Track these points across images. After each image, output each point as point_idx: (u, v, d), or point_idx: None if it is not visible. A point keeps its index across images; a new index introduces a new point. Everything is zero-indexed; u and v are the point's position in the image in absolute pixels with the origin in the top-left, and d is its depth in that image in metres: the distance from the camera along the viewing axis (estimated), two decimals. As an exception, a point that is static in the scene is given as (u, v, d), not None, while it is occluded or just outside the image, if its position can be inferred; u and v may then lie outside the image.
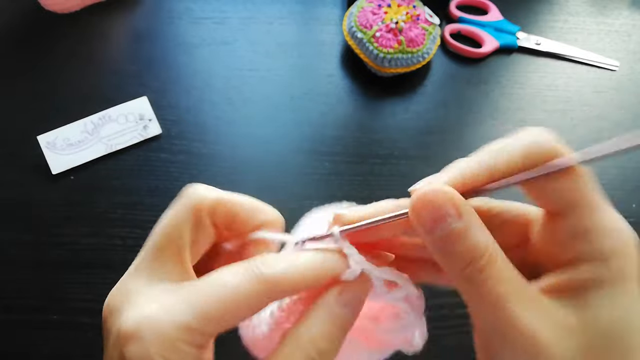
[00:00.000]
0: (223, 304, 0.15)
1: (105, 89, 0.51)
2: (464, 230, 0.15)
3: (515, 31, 0.56)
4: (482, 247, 0.15)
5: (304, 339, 0.16)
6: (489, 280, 0.15)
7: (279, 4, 0.58)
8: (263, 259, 0.17)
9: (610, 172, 0.49)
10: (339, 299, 0.17)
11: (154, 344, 0.15)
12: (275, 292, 0.16)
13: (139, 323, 0.15)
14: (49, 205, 0.45)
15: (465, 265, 0.15)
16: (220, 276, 0.16)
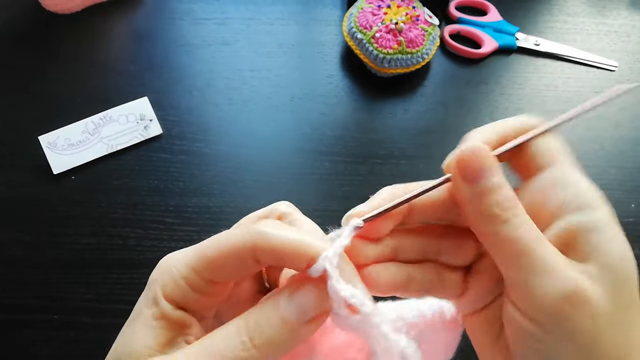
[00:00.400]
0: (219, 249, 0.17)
1: (106, 89, 0.51)
2: (501, 183, 0.17)
3: (515, 32, 0.56)
4: (514, 198, 0.17)
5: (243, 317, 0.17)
6: (524, 224, 0.17)
7: (279, 5, 0.58)
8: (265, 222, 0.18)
9: (610, 173, 0.49)
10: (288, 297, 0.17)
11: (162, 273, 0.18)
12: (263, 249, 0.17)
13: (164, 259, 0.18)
14: (50, 205, 0.45)
15: (504, 211, 0.17)
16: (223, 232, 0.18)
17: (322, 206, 0.45)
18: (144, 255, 0.43)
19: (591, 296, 0.16)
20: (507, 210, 0.17)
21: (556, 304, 0.16)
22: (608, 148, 0.50)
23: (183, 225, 0.44)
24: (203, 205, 0.45)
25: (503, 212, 0.17)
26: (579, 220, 0.17)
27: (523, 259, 0.16)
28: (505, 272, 0.17)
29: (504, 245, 0.17)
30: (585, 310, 0.16)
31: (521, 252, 0.16)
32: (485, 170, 0.17)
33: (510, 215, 0.17)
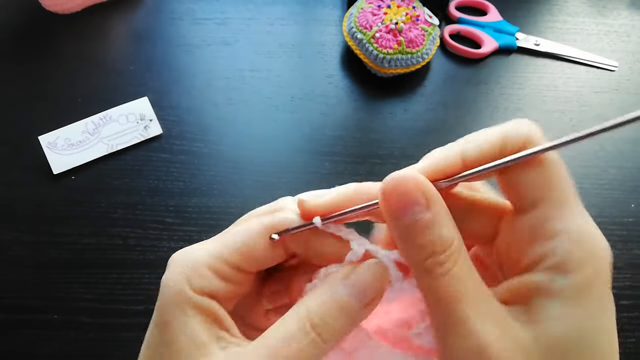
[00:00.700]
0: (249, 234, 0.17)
1: (106, 89, 0.51)
2: (431, 221, 0.15)
3: (514, 32, 0.56)
4: (446, 242, 0.15)
5: (302, 310, 0.16)
6: (446, 276, 0.15)
7: (279, 5, 0.58)
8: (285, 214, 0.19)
9: (610, 173, 0.49)
10: (343, 280, 0.17)
11: (183, 267, 0.17)
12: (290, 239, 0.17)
13: (176, 255, 0.17)
14: (50, 205, 0.45)
15: (426, 256, 0.15)
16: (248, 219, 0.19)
17: (322, 206, 0.45)
18: (144, 255, 0.43)
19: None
20: (430, 256, 0.15)
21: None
22: (608, 148, 0.50)
23: (183, 225, 0.44)
24: (203, 205, 0.45)
25: (424, 258, 0.15)
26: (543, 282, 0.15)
27: (439, 313, 0.15)
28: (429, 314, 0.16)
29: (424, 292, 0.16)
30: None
31: (438, 305, 0.15)
32: (410, 206, 0.15)
33: (433, 264, 0.15)
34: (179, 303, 0.16)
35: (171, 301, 0.16)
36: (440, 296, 0.15)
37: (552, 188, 0.15)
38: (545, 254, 0.15)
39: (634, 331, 0.41)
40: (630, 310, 0.41)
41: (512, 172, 0.16)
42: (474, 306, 0.15)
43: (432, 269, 0.15)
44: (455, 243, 0.15)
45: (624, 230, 0.46)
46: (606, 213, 0.46)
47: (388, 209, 0.15)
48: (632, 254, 0.44)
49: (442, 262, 0.15)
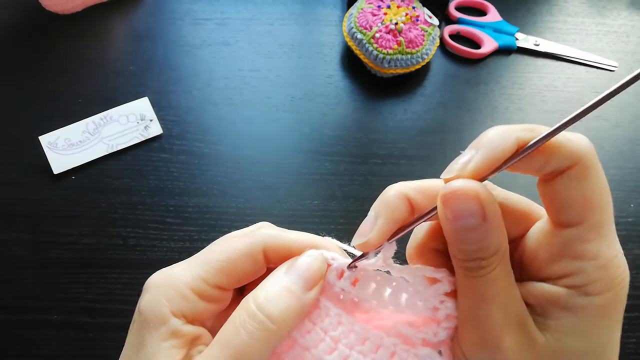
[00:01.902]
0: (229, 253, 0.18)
1: (106, 89, 0.51)
2: (484, 232, 0.16)
3: (514, 32, 0.56)
4: (492, 250, 0.16)
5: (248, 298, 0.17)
6: (483, 278, 0.16)
7: (279, 5, 0.58)
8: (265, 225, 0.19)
9: (609, 173, 0.49)
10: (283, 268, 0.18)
11: (164, 291, 0.17)
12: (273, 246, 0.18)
13: (155, 276, 0.18)
14: (50, 205, 0.45)
15: (471, 258, 0.16)
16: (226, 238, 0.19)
17: (322, 206, 0.45)
18: (144, 255, 0.43)
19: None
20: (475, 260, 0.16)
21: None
22: (607, 148, 0.50)
23: (183, 225, 0.44)
24: (203, 205, 0.45)
25: (469, 259, 0.16)
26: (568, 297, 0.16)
27: (466, 311, 0.17)
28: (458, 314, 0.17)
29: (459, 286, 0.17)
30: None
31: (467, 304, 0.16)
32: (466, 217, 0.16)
33: (473, 265, 0.16)
34: (158, 327, 0.16)
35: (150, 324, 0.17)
36: (472, 293, 0.16)
37: (594, 210, 0.16)
38: (571, 272, 0.16)
39: (634, 331, 0.41)
40: (630, 311, 0.41)
41: (557, 184, 0.16)
42: (500, 309, 0.16)
43: (473, 269, 0.16)
44: (502, 251, 0.16)
45: (623, 230, 0.46)
46: (606, 213, 0.46)
47: (446, 213, 0.16)
48: (632, 254, 0.44)
49: (483, 266, 0.16)
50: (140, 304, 0.17)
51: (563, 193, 0.16)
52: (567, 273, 0.16)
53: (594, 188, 0.16)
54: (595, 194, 0.16)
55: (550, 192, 0.16)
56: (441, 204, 0.16)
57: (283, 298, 0.17)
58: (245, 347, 0.16)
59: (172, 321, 0.16)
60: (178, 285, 0.17)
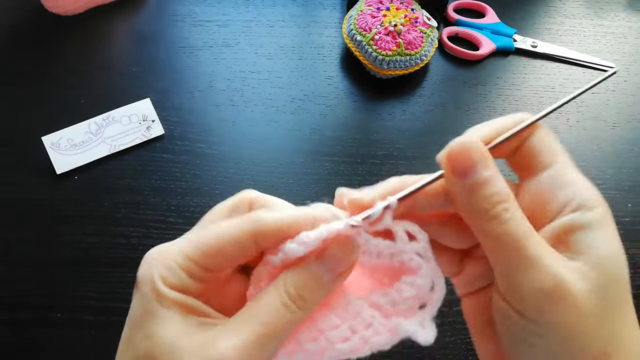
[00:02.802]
0: (216, 237, 0.18)
1: (109, 90, 0.52)
2: (492, 177, 0.17)
3: (512, 33, 0.57)
4: (506, 193, 0.17)
5: (281, 287, 0.18)
6: (513, 219, 0.17)
7: (280, 7, 0.59)
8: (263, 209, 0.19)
9: (607, 173, 0.49)
10: (317, 256, 0.18)
11: (156, 265, 0.18)
12: (263, 234, 0.18)
13: (152, 251, 0.19)
14: (54, 204, 0.45)
15: (493, 205, 0.17)
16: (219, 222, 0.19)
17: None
18: (147, 254, 0.43)
19: (575, 292, 0.16)
20: (497, 204, 0.17)
21: (538, 298, 0.16)
22: (605, 148, 0.51)
23: (185, 224, 0.45)
24: (205, 205, 0.46)
25: (492, 206, 0.17)
26: (574, 219, 0.17)
27: (509, 253, 0.17)
28: (494, 266, 0.18)
29: (492, 239, 0.17)
30: (568, 304, 0.16)
31: (508, 247, 0.17)
32: (474, 165, 0.17)
33: (500, 210, 0.17)
34: (157, 297, 0.17)
35: (149, 296, 0.17)
36: (510, 237, 0.17)
37: (557, 152, 0.19)
38: (568, 199, 0.18)
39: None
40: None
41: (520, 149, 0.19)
42: (541, 244, 0.17)
43: (500, 214, 0.17)
44: (511, 195, 0.18)
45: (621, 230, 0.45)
46: (603, 212, 0.47)
47: (455, 169, 0.18)
48: (629, 254, 0.44)
49: (507, 208, 0.17)
50: (138, 276, 0.18)
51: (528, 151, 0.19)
52: (565, 201, 0.18)
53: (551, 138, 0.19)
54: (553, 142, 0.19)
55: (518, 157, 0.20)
56: (448, 164, 0.18)
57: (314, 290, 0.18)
58: (276, 327, 0.17)
59: (169, 292, 0.17)
60: (169, 262, 0.18)
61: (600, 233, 0.17)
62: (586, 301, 0.16)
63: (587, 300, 0.16)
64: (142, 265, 0.18)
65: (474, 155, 0.17)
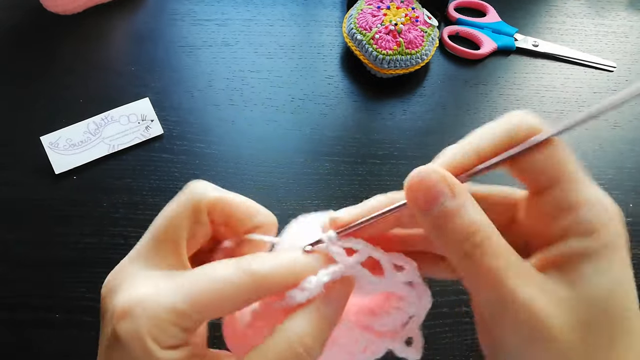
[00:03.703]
0: (212, 293, 0.16)
1: (107, 90, 0.52)
2: (459, 208, 0.16)
3: (513, 33, 0.57)
4: (477, 224, 0.16)
5: (292, 335, 0.17)
6: (485, 255, 0.15)
7: (279, 6, 0.59)
8: (254, 257, 0.18)
9: (608, 173, 0.49)
10: (324, 298, 0.18)
11: (144, 322, 0.16)
12: (262, 287, 0.17)
13: (132, 302, 0.16)
14: (52, 204, 0.45)
15: (461, 241, 0.16)
16: (213, 267, 0.17)
17: (322, 206, 0.46)
18: (145, 254, 0.43)
19: (555, 330, 0.15)
20: (465, 240, 0.15)
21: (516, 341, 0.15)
22: (606, 148, 0.51)
23: (184, 224, 0.45)
24: (204, 205, 0.45)
25: (460, 243, 0.15)
26: (574, 247, 0.16)
27: (483, 293, 0.16)
28: (472, 297, 0.17)
29: (466, 275, 0.16)
30: (547, 344, 0.15)
31: (481, 286, 0.16)
32: (436, 197, 0.16)
33: (469, 247, 0.15)
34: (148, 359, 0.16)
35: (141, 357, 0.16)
36: (484, 276, 0.15)
37: (565, 167, 0.16)
38: (571, 223, 0.16)
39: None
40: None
41: (524, 159, 0.17)
42: (519, 278, 0.15)
43: (471, 251, 0.15)
44: (485, 223, 0.16)
45: (622, 229, 0.46)
46: (604, 213, 0.47)
47: (416, 203, 0.16)
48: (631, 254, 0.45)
49: (478, 244, 0.15)
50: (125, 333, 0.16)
51: (533, 163, 0.17)
52: (568, 226, 0.16)
53: (556, 149, 0.17)
54: (561, 154, 0.17)
55: (521, 168, 0.17)
56: (409, 196, 0.16)
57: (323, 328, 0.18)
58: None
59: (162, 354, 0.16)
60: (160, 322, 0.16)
61: (601, 263, 0.15)
62: (567, 338, 0.15)
63: (569, 338, 0.15)
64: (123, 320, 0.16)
65: (436, 185, 0.16)
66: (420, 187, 0.16)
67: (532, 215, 0.18)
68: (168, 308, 0.16)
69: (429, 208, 0.16)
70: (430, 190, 0.16)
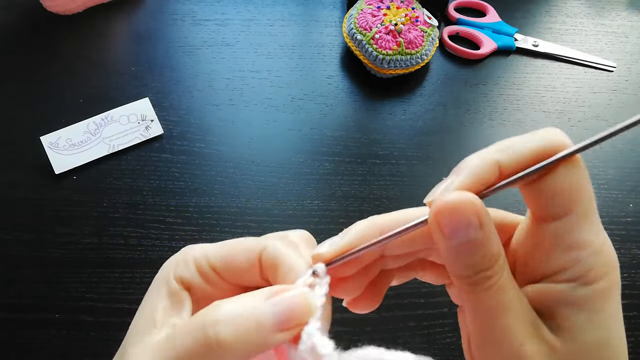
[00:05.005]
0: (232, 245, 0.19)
1: (107, 90, 0.52)
2: (483, 240, 0.15)
3: (513, 33, 0.57)
4: (494, 258, 0.15)
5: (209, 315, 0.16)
6: (492, 289, 0.15)
7: (279, 6, 0.59)
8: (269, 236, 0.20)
9: (609, 172, 0.49)
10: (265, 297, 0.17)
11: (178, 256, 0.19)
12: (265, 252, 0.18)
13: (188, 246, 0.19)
14: (52, 204, 0.45)
15: (475, 272, 0.15)
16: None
17: (322, 206, 0.46)
18: (145, 254, 0.43)
19: None
20: (480, 271, 0.15)
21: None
22: (607, 148, 0.51)
23: (184, 225, 0.44)
24: (204, 205, 0.45)
25: (475, 273, 0.15)
26: (566, 291, 0.15)
27: (480, 324, 0.16)
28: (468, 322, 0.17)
29: (468, 302, 0.16)
30: None
31: (480, 317, 0.16)
32: (463, 228, 0.15)
33: (482, 277, 0.15)
34: (161, 282, 0.18)
35: (157, 278, 0.19)
36: (484, 307, 0.15)
37: (578, 200, 0.16)
38: (568, 264, 0.16)
39: (632, 331, 0.41)
40: (628, 310, 0.42)
41: (539, 181, 0.16)
42: (517, 319, 0.15)
43: (480, 282, 0.15)
44: (502, 257, 0.16)
45: (623, 230, 0.46)
46: (605, 213, 0.47)
47: (441, 230, 0.16)
48: (631, 254, 0.45)
49: (489, 277, 0.15)
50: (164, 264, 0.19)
51: (546, 188, 0.16)
52: (564, 266, 0.16)
53: (578, 178, 0.16)
54: (579, 184, 0.16)
55: (533, 190, 0.16)
56: (434, 220, 0.16)
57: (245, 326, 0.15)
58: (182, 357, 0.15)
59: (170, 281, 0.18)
60: (188, 255, 0.19)
61: (592, 315, 0.15)
62: None
63: None
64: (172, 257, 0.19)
65: (466, 215, 0.15)
66: (450, 214, 0.15)
67: (527, 242, 0.17)
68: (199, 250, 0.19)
69: (453, 236, 0.15)
70: (460, 219, 0.15)
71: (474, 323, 0.16)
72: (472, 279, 0.15)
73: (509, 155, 0.16)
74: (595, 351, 0.15)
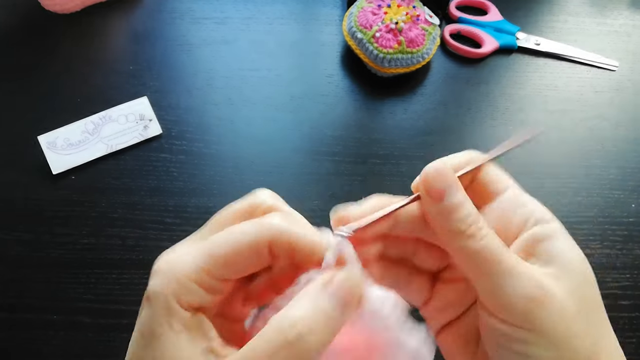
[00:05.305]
0: (232, 244, 0.17)
1: (105, 89, 0.51)
2: (465, 200, 0.19)
3: (515, 31, 0.56)
4: (477, 213, 0.19)
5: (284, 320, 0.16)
6: (488, 236, 0.18)
7: (279, 4, 0.58)
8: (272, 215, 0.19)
9: (611, 172, 0.49)
10: (323, 290, 0.17)
11: (169, 280, 0.17)
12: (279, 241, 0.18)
13: (162, 262, 0.17)
14: (50, 205, 0.45)
15: (468, 226, 0.18)
16: (231, 227, 0.18)
17: (322, 206, 0.45)
18: (143, 255, 0.43)
19: (556, 295, 0.17)
20: (471, 224, 0.18)
21: (525, 303, 0.17)
22: (609, 148, 0.50)
23: (182, 225, 0.44)
24: (202, 205, 0.45)
25: (467, 227, 0.18)
26: (537, 231, 0.19)
27: (490, 266, 0.18)
28: (476, 282, 0.18)
29: (472, 256, 0.18)
30: (553, 307, 0.17)
31: (488, 261, 0.18)
32: (449, 189, 0.18)
33: (475, 229, 0.18)
34: (167, 318, 0.16)
35: (160, 314, 0.16)
36: (489, 251, 0.18)
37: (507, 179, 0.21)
38: (528, 215, 0.19)
39: (634, 331, 0.41)
40: (630, 311, 0.41)
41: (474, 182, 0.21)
42: (514, 255, 0.18)
43: (476, 232, 0.18)
44: (480, 215, 0.19)
45: (625, 230, 0.45)
46: (607, 213, 0.46)
47: (431, 193, 0.19)
48: (633, 254, 0.44)
49: (481, 227, 0.18)
50: (149, 291, 0.17)
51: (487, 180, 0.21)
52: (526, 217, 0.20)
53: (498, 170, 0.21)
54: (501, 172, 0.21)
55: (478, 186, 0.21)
56: (424, 188, 0.19)
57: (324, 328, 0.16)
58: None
59: (180, 312, 0.16)
60: (182, 276, 0.17)
61: (562, 242, 0.18)
62: (568, 303, 0.17)
63: (569, 303, 0.17)
64: (154, 278, 0.17)
65: (448, 179, 0.19)
66: (436, 179, 0.19)
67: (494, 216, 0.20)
68: (190, 264, 0.17)
69: (441, 198, 0.18)
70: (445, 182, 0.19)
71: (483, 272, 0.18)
72: (468, 232, 0.18)
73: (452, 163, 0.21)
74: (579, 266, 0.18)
